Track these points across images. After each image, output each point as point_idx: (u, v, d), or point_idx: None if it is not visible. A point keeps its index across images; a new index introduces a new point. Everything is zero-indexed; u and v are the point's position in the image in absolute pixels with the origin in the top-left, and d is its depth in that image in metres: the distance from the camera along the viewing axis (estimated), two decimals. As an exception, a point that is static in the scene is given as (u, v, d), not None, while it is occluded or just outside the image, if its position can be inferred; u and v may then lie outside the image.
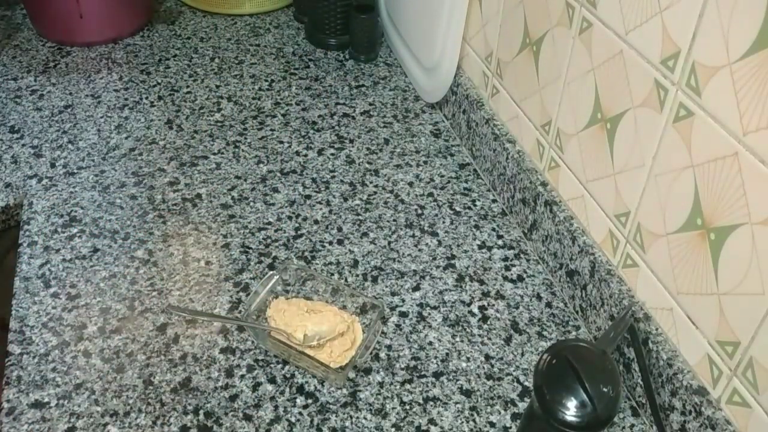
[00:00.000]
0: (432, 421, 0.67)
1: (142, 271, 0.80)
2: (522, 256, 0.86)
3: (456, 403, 0.69)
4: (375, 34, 1.20)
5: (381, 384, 0.70)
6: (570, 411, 0.53)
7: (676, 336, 0.65)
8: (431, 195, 0.94)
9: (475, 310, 0.78)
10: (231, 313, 0.76)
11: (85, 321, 0.74)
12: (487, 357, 0.73)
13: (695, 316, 0.62)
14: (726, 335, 0.58)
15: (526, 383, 0.71)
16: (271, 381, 0.70)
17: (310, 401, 0.68)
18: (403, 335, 0.75)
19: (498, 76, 0.93)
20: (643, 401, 0.68)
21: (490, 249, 0.86)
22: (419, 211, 0.91)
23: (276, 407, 0.67)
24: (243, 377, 0.70)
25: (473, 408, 0.68)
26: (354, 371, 0.71)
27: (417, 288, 0.81)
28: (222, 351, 0.72)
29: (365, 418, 0.67)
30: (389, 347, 0.74)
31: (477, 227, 0.89)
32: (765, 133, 0.51)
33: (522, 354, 0.74)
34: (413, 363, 0.72)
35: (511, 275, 0.83)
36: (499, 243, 0.87)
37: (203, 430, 0.65)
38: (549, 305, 0.80)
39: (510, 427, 0.67)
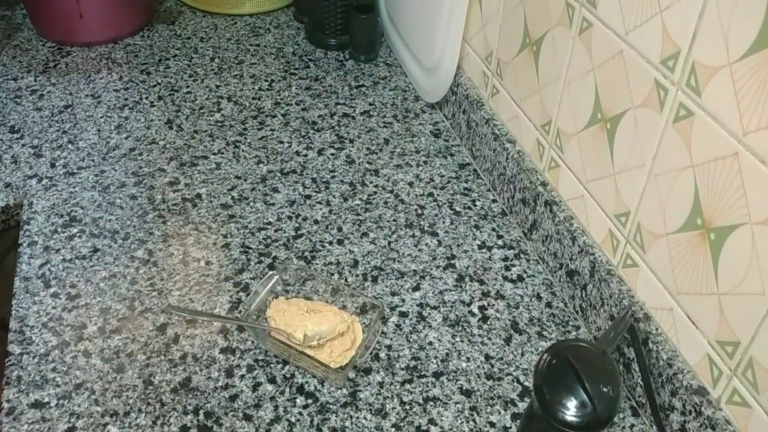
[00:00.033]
0: (432, 421, 0.67)
1: (142, 271, 0.80)
2: (522, 256, 0.86)
3: (456, 403, 0.69)
4: (375, 34, 1.20)
5: (381, 384, 0.70)
6: (570, 411, 0.53)
7: (676, 336, 0.65)
8: (431, 195, 0.94)
9: (475, 310, 0.78)
10: (231, 313, 0.76)
11: (85, 321, 0.74)
12: (487, 357, 0.73)
13: (695, 316, 0.62)
14: (726, 335, 0.58)
15: (526, 383, 0.71)
16: (271, 381, 0.70)
17: (310, 401, 0.68)
18: (403, 335, 0.75)
19: (498, 76, 0.93)
20: (643, 401, 0.68)
21: (490, 249, 0.86)
22: (419, 211, 0.91)
23: (276, 407, 0.67)
24: (243, 377, 0.70)
25: (473, 408, 0.68)
26: (354, 371, 0.71)
27: (417, 288, 0.81)
28: (222, 351, 0.72)
29: (365, 418, 0.67)
30: (389, 347, 0.74)
31: (477, 227, 0.89)
32: (765, 133, 0.51)
33: (522, 354, 0.74)
34: (413, 363, 0.72)
35: (511, 275, 0.83)
36: (499, 243, 0.87)
37: (203, 430, 0.65)
38: (549, 305, 0.80)
39: (510, 427, 0.67)
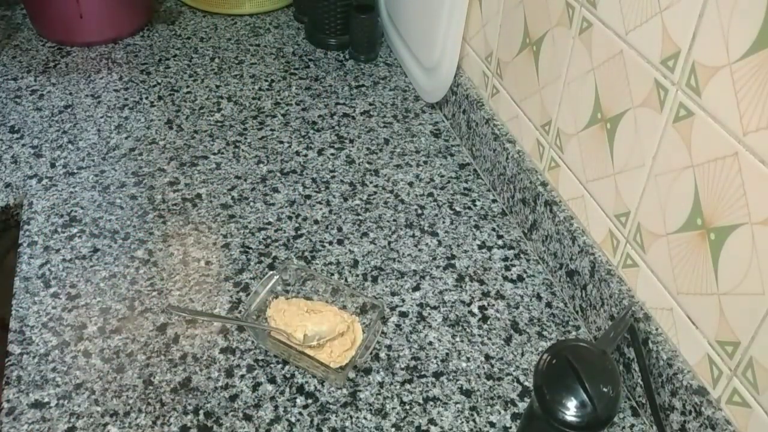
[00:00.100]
0: (432, 421, 0.67)
1: (142, 271, 0.80)
2: (522, 256, 0.86)
3: (456, 403, 0.69)
4: (375, 34, 1.20)
5: (381, 384, 0.70)
6: (570, 411, 0.53)
7: (676, 336, 0.65)
8: (431, 195, 0.94)
9: (475, 310, 0.78)
10: (231, 313, 0.76)
11: (85, 321, 0.74)
12: (487, 357, 0.73)
13: (695, 316, 0.62)
14: (726, 335, 0.58)
15: (526, 383, 0.71)
16: (271, 381, 0.70)
17: (310, 401, 0.68)
18: (403, 335, 0.75)
19: (498, 76, 0.93)
20: (643, 401, 0.68)
21: (490, 249, 0.86)
22: (419, 211, 0.91)
23: (276, 407, 0.67)
24: (243, 377, 0.70)
25: (473, 408, 0.68)
26: (354, 371, 0.71)
27: (417, 288, 0.81)
28: (222, 351, 0.72)
29: (365, 418, 0.67)
30: (389, 347, 0.74)
31: (477, 227, 0.89)
32: (765, 133, 0.51)
33: (522, 354, 0.74)
34: (413, 363, 0.72)
35: (511, 275, 0.83)
36: (499, 243, 0.87)
37: (203, 430, 0.65)
38: (549, 305, 0.80)
39: (510, 427, 0.67)
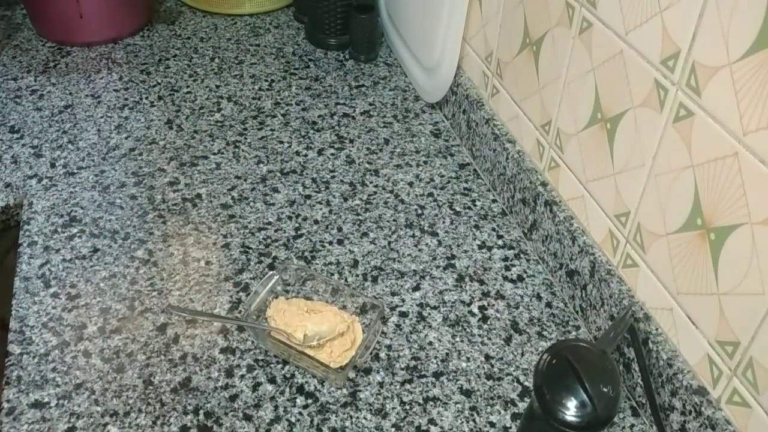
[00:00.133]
0: (432, 421, 0.67)
1: (142, 271, 0.80)
2: (522, 256, 0.86)
3: (456, 403, 0.69)
4: (375, 34, 1.20)
5: (381, 384, 0.70)
6: (570, 411, 0.53)
7: (676, 336, 0.65)
8: (431, 195, 0.94)
9: (475, 310, 0.78)
10: (231, 313, 0.76)
11: (85, 321, 0.74)
12: (487, 357, 0.73)
13: (695, 316, 0.62)
14: (726, 335, 0.58)
15: (526, 383, 0.71)
16: (271, 381, 0.70)
17: (310, 401, 0.68)
18: (403, 335, 0.75)
19: (498, 76, 0.93)
20: (643, 401, 0.68)
21: (490, 249, 0.86)
22: (419, 211, 0.91)
23: (276, 407, 0.67)
24: (243, 377, 0.70)
25: (473, 408, 0.68)
26: (354, 371, 0.71)
27: (417, 288, 0.81)
28: (222, 351, 0.72)
29: (365, 418, 0.67)
30: (389, 347, 0.74)
31: (477, 227, 0.89)
32: (765, 133, 0.51)
33: (522, 354, 0.74)
34: (413, 363, 0.72)
35: (511, 275, 0.83)
36: (499, 243, 0.87)
37: (203, 430, 0.65)
38: (549, 305, 0.80)
39: (510, 427, 0.67)
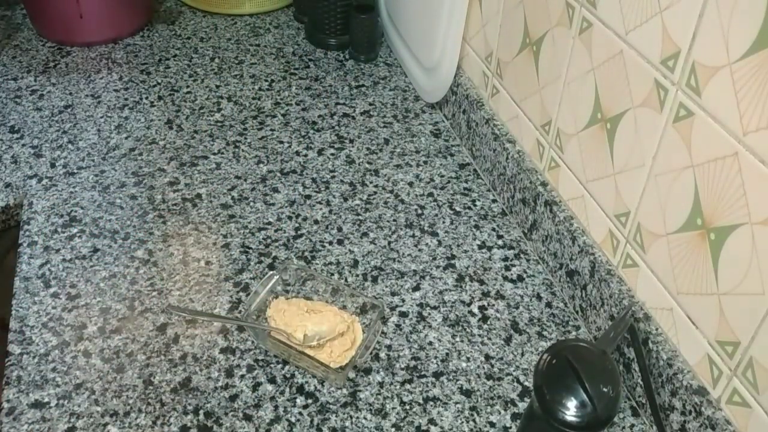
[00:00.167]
0: (432, 421, 0.67)
1: (142, 271, 0.80)
2: (522, 256, 0.86)
3: (456, 403, 0.69)
4: (375, 34, 1.20)
5: (381, 384, 0.70)
6: (570, 411, 0.53)
7: (676, 336, 0.65)
8: (431, 195, 0.94)
9: (475, 310, 0.78)
10: (231, 313, 0.76)
11: (85, 321, 0.74)
12: (487, 357, 0.73)
13: (695, 316, 0.62)
14: (726, 335, 0.58)
15: (526, 383, 0.71)
16: (271, 381, 0.70)
17: (310, 401, 0.68)
18: (403, 335, 0.75)
19: (498, 76, 0.93)
20: (643, 401, 0.68)
21: (490, 249, 0.86)
22: (419, 211, 0.91)
23: (276, 407, 0.67)
24: (243, 377, 0.70)
25: (473, 408, 0.68)
26: (354, 371, 0.71)
27: (417, 288, 0.81)
28: (222, 351, 0.72)
29: (365, 418, 0.67)
30: (389, 347, 0.74)
31: (477, 227, 0.89)
32: (765, 133, 0.51)
33: (522, 354, 0.74)
34: (413, 363, 0.72)
35: (511, 275, 0.83)
36: (499, 243, 0.87)
37: (203, 430, 0.65)
38: (549, 305, 0.80)
39: (510, 427, 0.67)
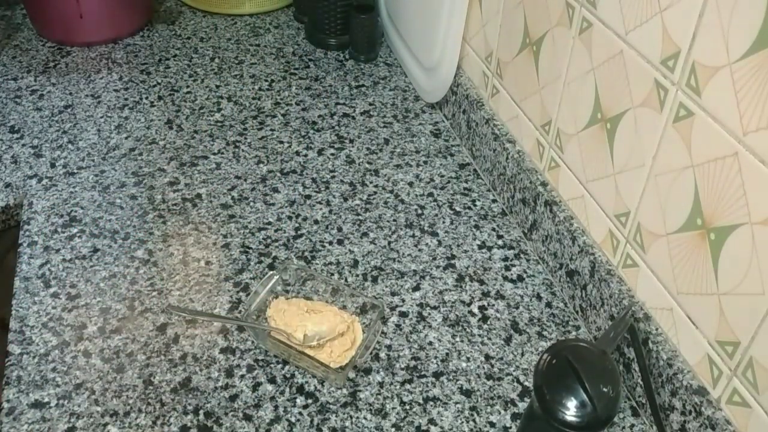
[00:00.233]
0: (432, 421, 0.67)
1: (142, 271, 0.80)
2: (522, 256, 0.86)
3: (456, 403, 0.69)
4: (375, 34, 1.20)
5: (381, 384, 0.70)
6: (570, 411, 0.53)
7: (676, 336, 0.65)
8: (431, 195, 0.94)
9: (475, 310, 0.78)
10: (231, 313, 0.76)
11: (85, 321, 0.74)
12: (487, 357, 0.73)
13: (695, 316, 0.62)
14: (726, 335, 0.58)
15: (526, 383, 0.71)
16: (271, 381, 0.70)
17: (310, 401, 0.68)
18: (403, 335, 0.75)
19: (498, 76, 0.93)
20: (643, 401, 0.68)
21: (490, 249, 0.86)
22: (419, 211, 0.91)
23: (276, 407, 0.67)
24: (243, 377, 0.70)
25: (473, 408, 0.68)
26: (354, 371, 0.71)
27: (417, 288, 0.81)
28: (222, 351, 0.72)
29: (365, 418, 0.67)
30: (389, 347, 0.74)
31: (477, 227, 0.89)
32: (765, 133, 0.51)
33: (522, 354, 0.74)
34: (413, 363, 0.72)
35: (511, 275, 0.83)
36: (499, 243, 0.87)
37: (203, 430, 0.65)
38: (549, 305, 0.80)
39: (510, 427, 0.67)
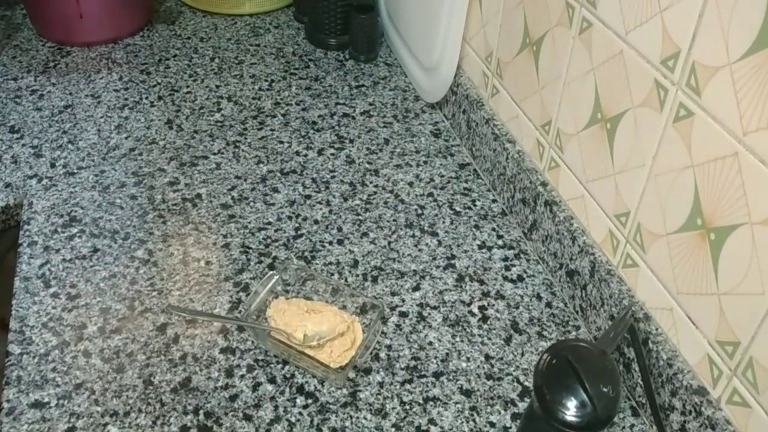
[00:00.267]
0: (432, 421, 0.67)
1: (142, 271, 0.80)
2: (522, 256, 0.86)
3: (456, 403, 0.69)
4: (375, 34, 1.20)
5: (381, 384, 0.70)
6: (570, 411, 0.53)
7: (676, 336, 0.65)
8: (431, 195, 0.94)
9: (475, 310, 0.78)
10: (231, 313, 0.76)
11: (85, 321, 0.74)
12: (487, 357, 0.73)
13: (695, 316, 0.62)
14: (726, 335, 0.58)
15: (526, 383, 0.71)
16: (271, 381, 0.70)
17: (310, 401, 0.68)
18: (403, 335, 0.75)
19: (498, 76, 0.93)
20: (643, 401, 0.68)
21: (490, 249, 0.86)
22: (419, 211, 0.91)
23: (276, 407, 0.67)
24: (243, 377, 0.70)
25: (473, 408, 0.68)
26: (354, 371, 0.71)
27: (417, 288, 0.81)
28: (222, 351, 0.72)
29: (365, 418, 0.67)
30: (389, 347, 0.74)
31: (477, 227, 0.89)
32: (765, 133, 0.51)
33: (522, 354, 0.74)
34: (413, 363, 0.72)
35: (511, 275, 0.83)
36: (499, 243, 0.87)
37: (203, 430, 0.65)
38: (549, 305, 0.80)
39: (510, 427, 0.67)
